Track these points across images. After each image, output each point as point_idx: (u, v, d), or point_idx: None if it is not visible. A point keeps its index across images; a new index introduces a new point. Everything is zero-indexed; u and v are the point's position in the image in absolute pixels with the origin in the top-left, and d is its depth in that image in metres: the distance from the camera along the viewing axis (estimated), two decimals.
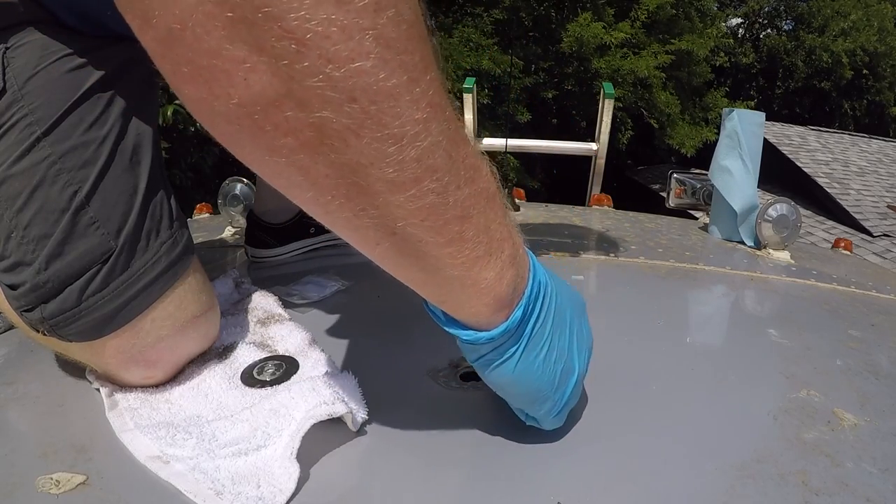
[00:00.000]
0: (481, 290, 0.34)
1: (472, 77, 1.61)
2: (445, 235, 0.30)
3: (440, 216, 0.30)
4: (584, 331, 0.43)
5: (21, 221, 0.46)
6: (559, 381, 0.40)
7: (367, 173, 0.27)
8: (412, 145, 0.27)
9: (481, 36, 7.27)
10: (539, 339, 0.38)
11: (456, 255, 0.31)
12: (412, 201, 0.28)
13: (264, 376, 0.50)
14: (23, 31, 0.48)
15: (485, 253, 0.32)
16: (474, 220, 0.31)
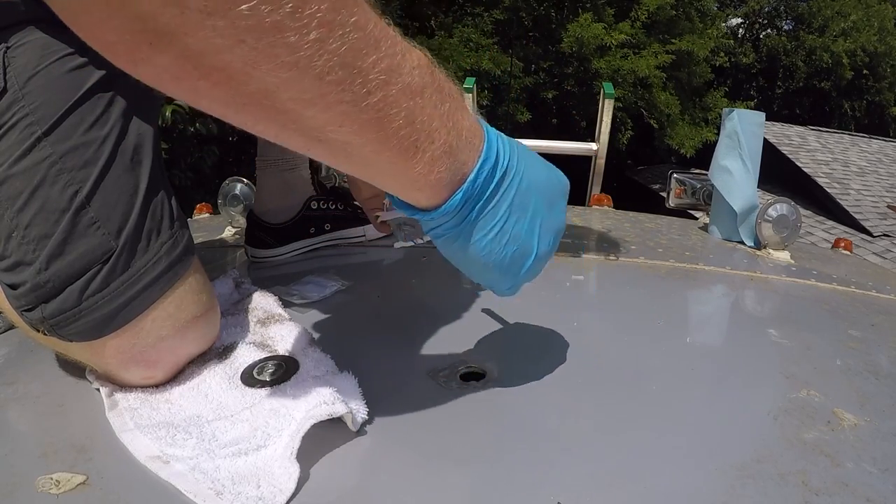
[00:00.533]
0: (412, 179, 0.36)
1: (473, 77, 1.61)
2: (365, 136, 0.33)
3: (354, 121, 0.32)
4: (554, 215, 0.44)
5: (22, 221, 0.46)
6: (510, 263, 0.42)
7: (276, 97, 0.30)
8: (308, 67, 0.29)
9: (481, 36, 7.28)
10: (488, 221, 0.39)
11: (380, 151, 0.34)
12: (324, 113, 0.31)
13: (264, 376, 0.50)
14: (24, 30, 0.48)
15: (411, 146, 0.34)
16: (393, 119, 0.33)
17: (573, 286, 0.79)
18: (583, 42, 7.76)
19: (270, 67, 0.29)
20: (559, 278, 0.80)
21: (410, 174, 0.36)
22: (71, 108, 0.47)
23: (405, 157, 0.35)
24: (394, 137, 0.34)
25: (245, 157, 4.29)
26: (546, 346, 0.61)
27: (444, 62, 3.12)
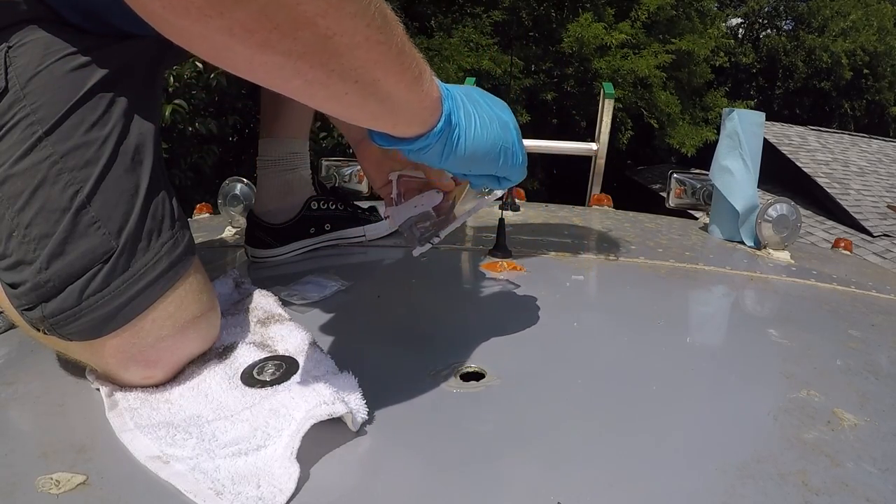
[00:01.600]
0: (424, 100, 0.44)
1: (472, 77, 1.61)
2: (391, 69, 0.40)
3: (387, 57, 0.39)
4: (487, 100, 0.51)
5: (22, 221, 0.46)
6: (502, 131, 0.50)
7: (331, 42, 0.35)
8: (363, 15, 0.36)
9: (481, 36, 7.27)
10: (469, 114, 0.47)
11: (399, 81, 0.41)
12: (367, 52, 0.37)
13: (264, 376, 0.50)
14: (25, 29, 0.48)
15: (419, 73, 0.42)
16: (407, 52, 0.41)
17: (573, 286, 0.79)
18: (583, 42, 7.76)
19: (337, 17, 0.34)
20: (559, 278, 0.80)
21: (423, 97, 0.43)
22: (72, 107, 0.47)
23: (417, 83, 0.42)
24: (408, 67, 0.41)
25: (245, 157, 4.30)
26: (546, 346, 0.61)
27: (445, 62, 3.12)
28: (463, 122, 0.47)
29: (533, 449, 0.44)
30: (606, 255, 0.93)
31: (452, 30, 7.34)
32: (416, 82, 0.42)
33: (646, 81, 8.03)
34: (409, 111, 0.44)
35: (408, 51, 0.41)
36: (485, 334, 0.61)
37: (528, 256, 0.88)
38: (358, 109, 0.42)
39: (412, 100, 0.43)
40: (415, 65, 0.42)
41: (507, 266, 0.81)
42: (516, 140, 0.52)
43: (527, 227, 1.12)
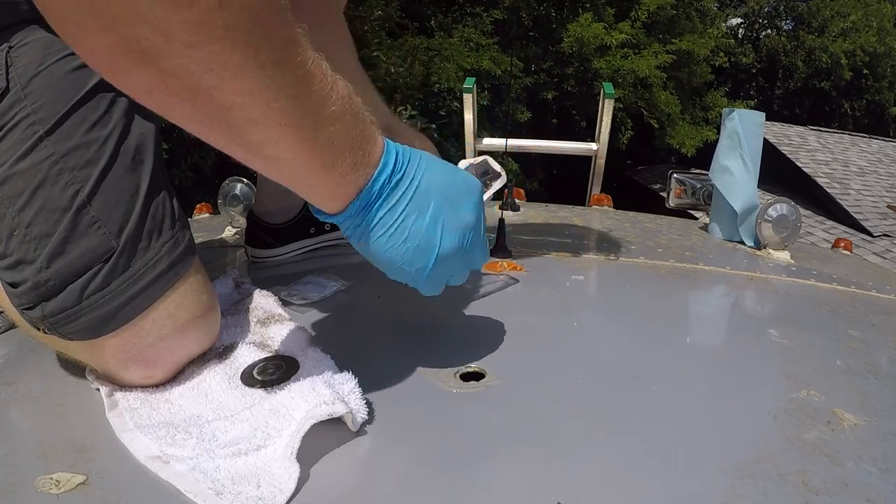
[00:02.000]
0: (326, 189, 0.43)
1: (472, 77, 1.61)
2: (296, 153, 0.39)
3: (288, 141, 0.38)
4: (459, 213, 0.48)
5: (23, 220, 0.46)
6: (413, 257, 0.46)
7: (230, 115, 0.35)
8: (261, 94, 0.35)
9: (481, 36, 7.28)
10: (387, 220, 0.45)
11: (307, 165, 0.40)
12: (266, 131, 0.37)
13: (264, 376, 0.50)
14: (26, 29, 0.48)
15: (329, 163, 0.41)
16: (319, 139, 0.39)
17: (573, 286, 0.79)
18: (583, 42, 7.76)
19: (231, 93, 0.34)
20: (559, 278, 0.80)
21: (327, 186, 0.42)
22: (73, 107, 0.47)
23: (324, 172, 0.41)
24: (318, 155, 0.40)
25: None
26: (546, 346, 0.61)
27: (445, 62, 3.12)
28: (370, 225, 0.45)
29: (533, 449, 0.44)
30: (606, 255, 0.93)
31: (452, 30, 7.34)
32: (329, 169, 0.41)
33: (646, 81, 8.04)
34: (318, 193, 0.43)
35: (325, 135, 0.39)
36: (485, 334, 0.61)
37: (528, 256, 0.88)
38: (271, 176, 0.42)
39: (321, 184, 0.42)
40: (329, 152, 0.40)
41: (507, 266, 0.81)
42: (427, 269, 0.47)
43: (527, 227, 1.12)
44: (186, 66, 0.32)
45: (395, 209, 0.45)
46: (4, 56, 0.47)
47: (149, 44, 0.31)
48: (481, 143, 1.61)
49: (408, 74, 5.91)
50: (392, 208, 0.45)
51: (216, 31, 0.32)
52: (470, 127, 1.59)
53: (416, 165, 0.46)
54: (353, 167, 0.42)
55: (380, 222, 0.45)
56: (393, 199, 0.45)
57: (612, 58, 7.96)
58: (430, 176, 0.47)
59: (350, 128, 0.41)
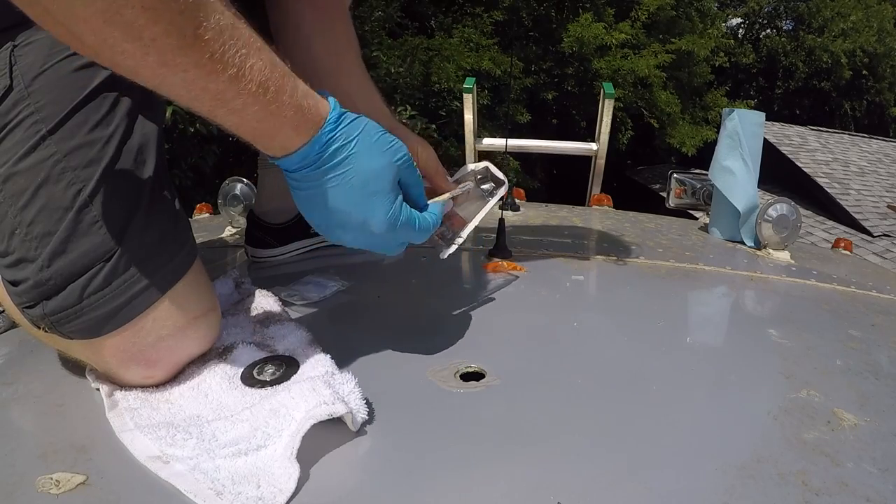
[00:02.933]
0: (269, 102, 0.42)
1: (472, 77, 1.61)
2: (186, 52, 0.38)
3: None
4: (387, 177, 0.49)
5: (25, 218, 0.46)
6: (359, 199, 0.47)
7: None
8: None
9: (481, 36, 7.28)
10: (338, 154, 0.46)
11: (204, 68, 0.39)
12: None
13: (264, 376, 0.50)
14: (30, 28, 0.48)
15: (239, 67, 0.40)
16: (213, 38, 0.39)
17: (573, 286, 0.79)
18: (583, 42, 7.76)
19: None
20: (559, 278, 0.80)
21: (286, 112, 0.43)
22: (76, 107, 0.47)
23: (236, 80, 0.40)
24: (217, 53, 0.39)
25: (245, 157, 4.30)
26: (546, 346, 0.61)
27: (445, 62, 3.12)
28: (332, 155, 0.46)
29: (533, 449, 0.44)
30: (606, 255, 0.93)
31: (453, 30, 7.34)
32: (236, 79, 0.40)
33: (646, 81, 8.04)
34: (255, 118, 0.42)
35: (217, 38, 0.38)
36: (485, 334, 0.61)
37: (528, 256, 0.88)
38: (230, 122, 0.42)
39: (278, 111, 0.42)
40: (237, 54, 0.39)
41: (507, 266, 0.81)
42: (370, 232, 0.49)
43: (527, 227, 1.12)
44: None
45: (347, 146, 0.46)
46: (8, 55, 0.47)
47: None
48: (481, 144, 1.61)
49: (408, 74, 5.91)
50: (344, 144, 0.46)
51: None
52: (470, 127, 1.58)
53: (351, 124, 0.47)
54: (304, 95, 0.44)
55: (335, 158, 0.46)
56: (344, 136, 0.46)
57: (612, 58, 7.96)
58: (361, 126, 0.48)
59: (271, 66, 0.42)
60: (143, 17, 0.35)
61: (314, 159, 0.46)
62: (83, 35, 0.36)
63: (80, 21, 0.35)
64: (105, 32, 0.35)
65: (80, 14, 0.35)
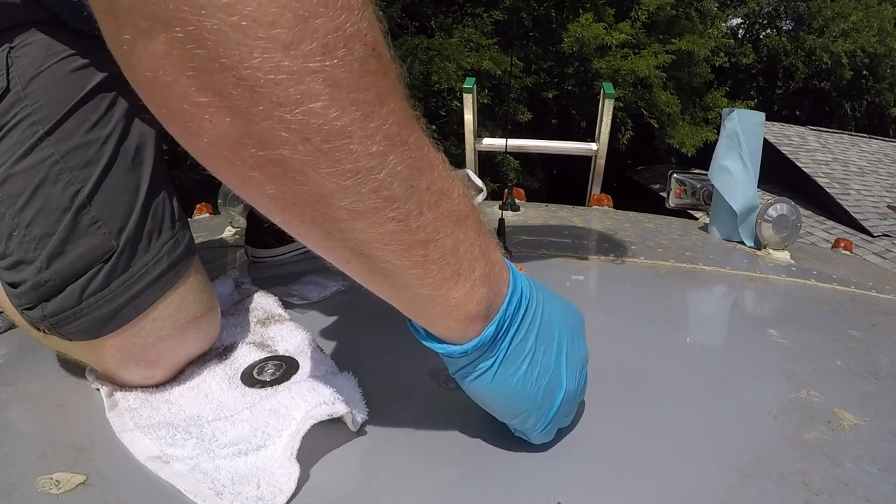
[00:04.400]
0: (450, 308, 0.35)
1: (473, 77, 1.61)
2: (410, 259, 0.32)
3: (402, 241, 0.31)
4: (577, 347, 0.42)
5: (23, 220, 0.46)
6: (543, 397, 0.40)
7: (328, 202, 0.29)
8: (368, 178, 0.29)
9: (482, 36, 7.27)
10: (519, 353, 0.38)
11: (422, 276, 0.33)
12: (374, 227, 0.30)
13: (264, 376, 0.50)
14: (27, 31, 0.48)
15: (452, 274, 0.34)
16: (440, 243, 0.33)
17: (573, 286, 0.79)
18: (583, 42, 7.75)
19: (330, 172, 0.28)
20: (559, 278, 0.80)
21: (449, 302, 0.35)
22: (73, 108, 0.47)
23: (447, 284, 0.34)
24: (438, 262, 0.33)
25: None
26: None
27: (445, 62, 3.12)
28: (501, 360, 0.37)
29: (533, 449, 0.44)
30: (606, 255, 0.93)
31: (453, 29, 7.34)
32: (450, 281, 0.34)
33: (646, 81, 8.03)
34: (437, 311, 0.35)
35: (443, 237, 0.32)
36: None
37: (528, 256, 0.88)
38: (373, 283, 0.35)
39: (442, 300, 0.34)
40: (451, 262, 0.33)
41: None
42: (552, 412, 0.40)
43: (527, 227, 1.12)
44: (276, 132, 0.27)
45: (526, 339, 0.38)
46: (5, 56, 0.47)
47: (234, 99, 0.26)
48: (481, 143, 1.61)
49: (408, 74, 5.90)
50: (524, 338, 0.38)
51: (316, 86, 0.26)
52: (470, 127, 1.58)
53: (536, 289, 0.40)
54: (485, 281, 0.35)
55: (512, 354, 0.38)
56: (524, 327, 0.38)
57: (612, 58, 7.95)
58: (549, 303, 0.41)
59: (477, 232, 0.35)
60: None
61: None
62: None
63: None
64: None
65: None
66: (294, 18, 0.25)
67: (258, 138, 0.27)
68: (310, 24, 0.25)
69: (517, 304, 0.38)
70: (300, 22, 0.25)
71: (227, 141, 0.28)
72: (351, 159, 0.28)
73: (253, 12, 0.25)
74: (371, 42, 0.28)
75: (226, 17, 0.24)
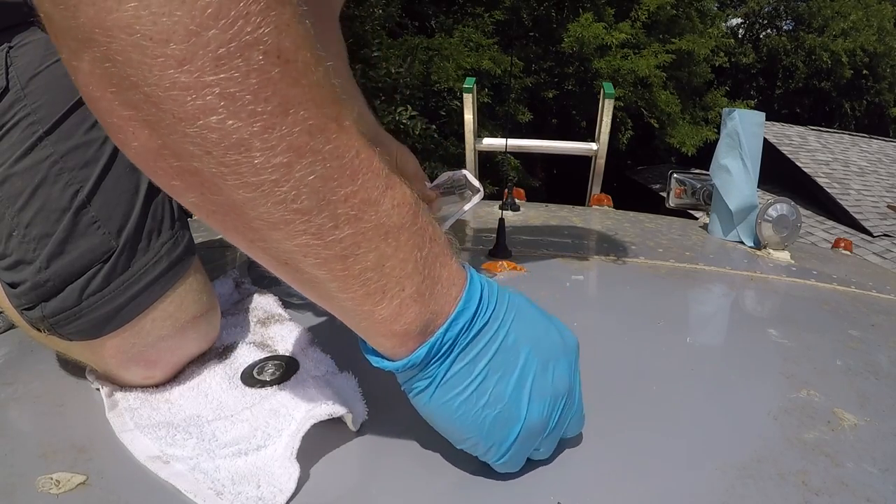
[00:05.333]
0: (376, 324, 0.34)
1: (473, 77, 1.61)
2: (329, 272, 0.31)
3: (318, 255, 0.31)
4: (549, 378, 0.38)
5: (22, 220, 0.46)
6: (491, 427, 0.37)
7: (242, 213, 0.29)
8: (273, 190, 0.28)
9: (482, 36, 7.28)
10: (462, 378, 0.36)
11: (343, 290, 0.32)
12: (288, 239, 0.30)
13: (264, 376, 0.50)
14: (27, 30, 0.48)
15: (377, 290, 0.32)
16: (360, 258, 0.31)
17: (573, 286, 0.79)
18: (583, 42, 7.76)
19: (235, 184, 0.28)
20: (559, 278, 0.80)
21: (375, 318, 0.34)
22: (72, 107, 0.47)
23: (370, 301, 0.33)
24: (359, 278, 0.32)
25: None
26: None
27: (445, 62, 3.12)
28: (439, 382, 0.36)
29: None
30: (606, 255, 0.93)
31: (453, 30, 7.34)
32: (374, 298, 0.32)
33: (646, 81, 8.04)
34: (367, 327, 0.35)
35: (364, 252, 0.31)
36: None
37: (528, 256, 0.88)
38: (303, 291, 0.34)
39: (367, 316, 0.33)
40: (375, 278, 0.32)
41: (506, 266, 0.81)
42: (505, 444, 0.37)
43: (527, 227, 1.12)
44: (183, 145, 0.27)
45: (473, 364, 0.36)
46: (4, 56, 0.47)
47: (145, 115, 0.27)
48: (481, 143, 1.61)
49: (408, 74, 5.91)
50: (470, 362, 0.36)
51: (212, 99, 0.26)
52: (470, 127, 1.58)
53: (503, 309, 0.37)
54: (419, 300, 0.34)
55: (452, 379, 0.36)
56: (472, 351, 0.36)
57: (612, 58, 7.96)
58: (519, 326, 0.38)
59: (412, 247, 0.33)
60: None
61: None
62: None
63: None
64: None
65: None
66: (186, 34, 0.25)
67: (172, 150, 0.28)
68: (201, 38, 0.25)
69: (465, 326, 0.35)
70: (192, 36, 0.25)
71: (149, 152, 0.29)
72: (253, 172, 0.28)
73: (149, 31, 0.25)
74: (274, 49, 0.27)
75: (127, 37, 0.25)
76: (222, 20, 0.25)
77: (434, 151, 5.98)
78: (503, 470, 0.39)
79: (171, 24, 0.25)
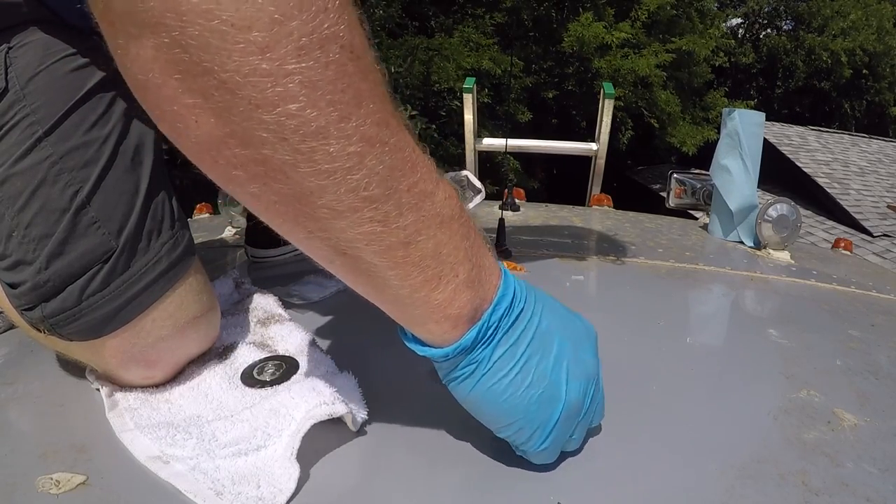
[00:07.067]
0: (431, 310, 0.35)
1: (473, 77, 1.61)
2: (390, 259, 0.32)
3: (382, 242, 0.32)
4: (582, 360, 0.40)
5: (22, 221, 0.46)
6: (537, 408, 0.38)
7: (308, 201, 0.30)
8: (345, 178, 0.29)
9: (482, 36, 7.27)
10: (508, 359, 0.37)
11: (403, 277, 0.33)
12: (354, 227, 0.31)
13: (264, 376, 0.50)
14: (26, 30, 0.48)
15: (433, 276, 0.34)
16: (421, 245, 0.33)
17: (573, 286, 0.79)
18: (583, 42, 7.76)
19: (308, 172, 0.29)
20: (559, 278, 0.80)
21: (430, 304, 0.34)
22: (72, 108, 0.47)
23: (427, 286, 0.34)
24: (418, 264, 0.33)
25: None
26: None
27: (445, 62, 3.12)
28: (487, 365, 0.37)
29: None
30: (606, 255, 0.93)
31: (453, 30, 7.34)
32: (431, 283, 0.34)
33: (646, 81, 8.04)
34: (419, 313, 0.35)
35: (424, 239, 0.32)
36: None
37: (528, 256, 0.88)
38: (356, 283, 0.35)
39: (424, 301, 0.34)
40: (433, 264, 0.33)
41: (506, 266, 0.81)
42: (549, 426, 0.38)
43: (527, 227, 1.12)
44: (256, 132, 0.28)
45: (516, 347, 0.37)
46: (4, 56, 0.47)
47: (215, 101, 0.27)
48: (481, 143, 1.61)
49: (408, 74, 5.91)
50: (514, 345, 0.37)
51: (292, 87, 0.27)
52: (470, 127, 1.58)
53: (533, 298, 0.39)
54: (470, 285, 0.35)
55: (498, 361, 0.37)
56: (514, 335, 0.37)
57: (612, 57, 7.95)
58: (550, 313, 0.40)
59: (462, 236, 0.34)
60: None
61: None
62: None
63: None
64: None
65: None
66: (270, 22, 0.26)
67: (240, 138, 0.28)
68: (285, 27, 0.26)
69: (506, 310, 0.37)
70: (276, 25, 0.26)
71: (212, 140, 0.29)
72: (328, 159, 0.28)
73: (231, 17, 0.25)
74: (348, 44, 0.28)
75: (205, 22, 0.25)
76: (305, 12, 0.26)
77: (434, 151, 5.93)
78: (540, 460, 0.40)
79: (255, 12, 0.25)
